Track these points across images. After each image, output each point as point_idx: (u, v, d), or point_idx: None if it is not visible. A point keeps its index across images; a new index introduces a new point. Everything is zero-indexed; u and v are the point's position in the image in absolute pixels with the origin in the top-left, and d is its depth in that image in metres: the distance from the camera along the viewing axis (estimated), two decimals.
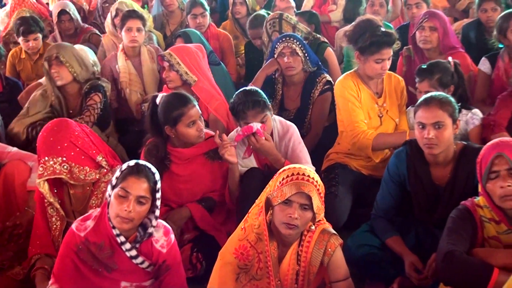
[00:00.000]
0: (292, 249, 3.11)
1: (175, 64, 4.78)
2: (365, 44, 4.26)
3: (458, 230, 3.05)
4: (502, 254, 2.93)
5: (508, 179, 2.95)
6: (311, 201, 2.99)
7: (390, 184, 3.78)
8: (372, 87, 4.45)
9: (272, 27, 5.60)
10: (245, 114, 4.03)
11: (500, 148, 3.00)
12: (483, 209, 3.11)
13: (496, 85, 5.09)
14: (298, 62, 4.92)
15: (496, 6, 5.89)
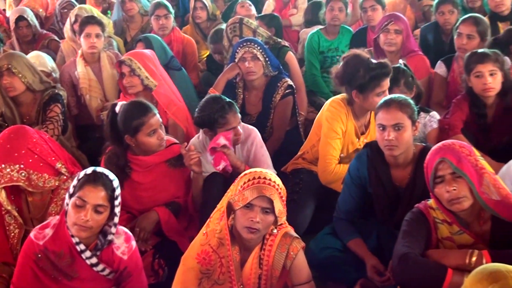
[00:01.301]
0: (254, 253, 3.11)
1: (136, 69, 4.75)
2: (364, 82, 4.09)
3: (412, 233, 3.08)
4: (455, 254, 2.95)
5: (453, 183, 2.98)
6: (273, 205, 2.99)
7: (351, 187, 3.80)
8: (360, 121, 4.35)
9: (233, 31, 5.60)
10: (224, 119, 4.03)
11: (442, 153, 3.03)
12: (435, 211, 3.14)
13: (451, 87, 5.19)
14: (259, 67, 4.92)
15: (453, 8, 6.01)
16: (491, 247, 3.01)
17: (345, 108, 4.29)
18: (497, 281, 2.05)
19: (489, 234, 3.09)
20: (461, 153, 3.00)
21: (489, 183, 2.97)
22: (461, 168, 2.97)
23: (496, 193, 2.97)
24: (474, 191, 2.96)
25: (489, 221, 3.09)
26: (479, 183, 2.96)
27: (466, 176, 2.96)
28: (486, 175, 2.98)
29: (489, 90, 4.40)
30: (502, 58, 4.50)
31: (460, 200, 2.98)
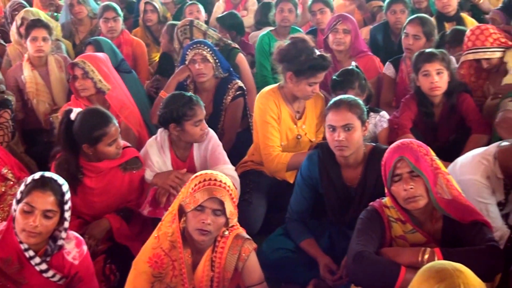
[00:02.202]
0: (206, 256, 3.10)
1: (89, 72, 4.69)
2: (303, 68, 4.16)
3: (367, 231, 3.10)
4: (408, 252, 2.99)
5: (410, 181, 3.02)
6: (224, 206, 3.00)
7: (303, 187, 3.82)
8: (294, 107, 4.41)
9: (183, 34, 5.59)
10: (193, 111, 4.02)
11: (401, 152, 3.06)
12: (390, 210, 3.17)
13: (400, 87, 5.25)
14: (209, 69, 4.91)
15: (404, 8, 6.11)
16: (442, 245, 3.05)
17: (273, 96, 4.35)
18: (443, 280, 2.08)
19: (440, 233, 3.14)
20: (419, 153, 3.05)
21: (443, 183, 3.03)
22: (419, 167, 3.01)
23: (448, 193, 3.03)
24: (429, 191, 3.01)
25: (440, 220, 3.14)
26: (434, 182, 3.02)
27: (424, 176, 3.01)
28: (440, 175, 3.04)
29: (436, 89, 4.47)
30: (448, 57, 4.59)
31: (416, 198, 3.02)
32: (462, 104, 4.61)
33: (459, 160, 3.76)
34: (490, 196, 3.50)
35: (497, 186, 3.53)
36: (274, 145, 4.32)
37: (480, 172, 3.52)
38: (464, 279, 2.08)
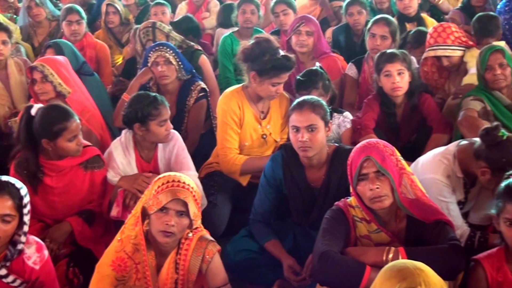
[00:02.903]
0: (170, 258, 3.08)
1: (49, 75, 4.63)
2: (266, 67, 4.17)
3: (332, 231, 3.10)
4: (373, 252, 3.00)
5: (376, 181, 3.03)
6: (187, 208, 2.98)
7: (267, 188, 3.83)
8: (258, 107, 4.42)
9: (146, 36, 5.57)
10: (158, 111, 4.00)
11: (368, 151, 3.07)
12: (355, 209, 3.18)
13: (363, 88, 5.29)
14: (172, 71, 4.89)
15: (361, 9, 6.15)
16: (406, 245, 3.08)
17: (237, 97, 4.36)
18: (405, 278, 2.09)
19: (404, 233, 3.17)
20: (385, 153, 3.07)
21: (407, 183, 3.06)
22: (385, 167, 3.03)
23: (412, 193, 3.06)
24: (395, 190, 3.03)
25: (404, 220, 3.16)
26: (399, 182, 3.04)
27: (390, 175, 3.02)
28: (405, 175, 3.07)
29: (397, 89, 4.51)
30: (409, 58, 4.63)
31: (382, 198, 3.03)
32: (423, 104, 4.66)
33: (421, 159, 3.80)
34: (450, 195, 3.55)
35: (457, 185, 3.58)
36: (231, 147, 4.32)
37: (441, 171, 3.55)
38: (425, 277, 2.10)
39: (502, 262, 2.90)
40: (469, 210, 3.70)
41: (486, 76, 4.41)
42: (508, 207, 2.78)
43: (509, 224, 2.78)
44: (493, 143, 3.32)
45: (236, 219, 4.27)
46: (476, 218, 3.66)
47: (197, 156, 4.64)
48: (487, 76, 4.40)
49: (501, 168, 3.25)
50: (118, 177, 4.03)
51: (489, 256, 2.95)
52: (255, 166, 4.25)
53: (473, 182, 3.59)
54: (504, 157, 3.27)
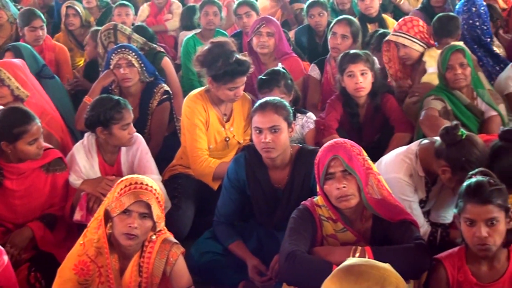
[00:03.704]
0: (134, 261, 3.06)
1: (5, 79, 4.56)
2: (219, 73, 4.18)
3: (299, 230, 3.11)
4: (340, 251, 3.01)
5: (343, 180, 3.04)
6: (151, 210, 2.97)
7: (230, 190, 3.82)
8: (221, 110, 4.42)
9: (107, 38, 5.52)
10: (120, 114, 3.97)
11: (335, 150, 3.08)
12: (321, 209, 3.19)
13: (326, 88, 5.32)
14: (134, 73, 4.86)
15: (322, 10, 6.20)
16: (372, 244, 3.10)
17: (201, 100, 4.36)
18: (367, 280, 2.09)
19: (370, 232, 3.19)
20: (352, 152, 3.08)
21: (374, 183, 3.08)
22: (352, 166, 3.04)
23: (378, 193, 3.08)
24: (361, 190, 3.04)
25: (370, 219, 3.18)
26: (366, 182, 3.06)
27: (356, 175, 3.04)
28: (371, 175, 3.08)
29: (360, 89, 4.54)
30: (372, 58, 4.66)
31: (348, 197, 3.05)
32: (385, 104, 4.70)
33: (383, 159, 3.82)
34: (413, 194, 3.58)
35: (419, 184, 3.61)
36: (202, 148, 4.31)
37: (403, 171, 3.58)
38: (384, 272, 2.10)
39: (463, 261, 2.92)
40: (431, 209, 3.74)
41: (447, 76, 4.46)
42: (468, 207, 2.80)
43: (469, 224, 2.81)
44: (453, 142, 3.36)
45: (200, 221, 4.25)
46: (437, 217, 3.70)
47: (160, 158, 4.62)
48: (448, 75, 4.45)
49: (461, 167, 3.29)
50: (80, 180, 3.99)
51: (450, 255, 2.98)
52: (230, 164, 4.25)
53: (434, 181, 3.64)
54: (464, 156, 3.30)
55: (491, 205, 2.77)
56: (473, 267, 2.91)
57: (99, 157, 4.11)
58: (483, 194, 2.78)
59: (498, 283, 2.87)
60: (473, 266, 2.91)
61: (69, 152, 4.19)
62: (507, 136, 3.38)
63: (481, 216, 2.77)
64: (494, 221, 2.77)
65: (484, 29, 5.32)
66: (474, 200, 2.79)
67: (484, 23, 5.33)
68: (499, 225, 2.79)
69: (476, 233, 2.77)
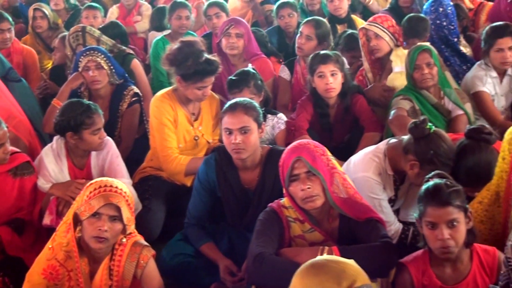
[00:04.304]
0: (104, 264, 3.05)
1: None
2: (189, 72, 4.20)
3: (266, 232, 3.12)
4: (307, 251, 3.02)
5: (307, 181, 3.06)
6: (121, 212, 2.96)
7: (201, 192, 3.81)
8: (189, 109, 4.42)
9: (76, 40, 5.47)
10: (91, 120, 3.94)
11: (298, 152, 3.10)
12: (288, 210, 3.20)
13: (296, 89, 5.34)
14: (103, 76, 4.83)
15: (292, 11, 6.22)
16: (340, 243, 3.12)
17: (169, 99, 4.37)
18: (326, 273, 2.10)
19: (337, 231, 3.20)
20: (316, 153, 3.10)
21: (339, 182, 3.09)
22: (315, 167, 3.06)
23: (345, 192, 3.09)
24: (326, 190, 3.06)
25: (337, 219, 3.20)
26: (331, 182, 3.07)
27: (321, 175, 3.06)
28: (336, 175, 3.10)
29: (331, 90, 4.56)
30: (342, 59, 4.70)
31: (314, 198, 3.06)
32: (355, 104, 4.73)
33: (353, 158, 3.85)
34: (382, 192, 3.60)
35: (388, 183, 3.64)
36: (172, 146, 4.31)
37: (372, 169, 3.61)
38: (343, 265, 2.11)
39: (427, 265, 2.95)
40: (400, 208, 3.77)
41: (415, 76, 4.51)
42: (429, 210, 2.83)
43: (431, 227, 2.83)
44: (421, 135, 3.41)
45: (171, 223, 4.24)
46: (406, 215, 3.73)
47: (131, 161, 4.60)
48: (415, 75, 4.50)
49: (429, 161, 3.34)
50: (49, 184, 3.95)
51: (414, 259, 3.00)
52: (199, 166, 4.24)
53: (402, 180, 3.67)
54: (432, 149, 3.36)
55: (450, 206, 2.80)
56: (437, 270, 2.93)
57: (69, 161, 4.07)
58: (442, 196, 2.81)
59: (462, 285, 2.90)
60: (437, 269, 2.93)
61: (38, 155, 4.16)
62: (473, 135, 3.43)
63: (442, 218, 2.80)
64: (454, 222, 2.80)
65: (451, 29, 5.40)
66: (433, 203, 2.82)
67: (451, 23, 5.40)
68: (460, 226, 2.82)
69: (438, 236, 2.80)
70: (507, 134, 3.10)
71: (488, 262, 2.93)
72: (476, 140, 3.40)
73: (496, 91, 4.89)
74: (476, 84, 4.85)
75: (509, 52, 4.75)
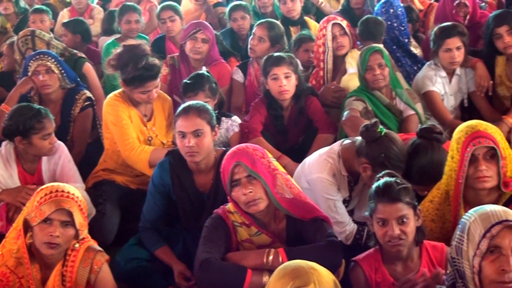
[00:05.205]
0: (56, 270, 3.00)
1: None
2: (129, 77, 4.19)
3: (212, 238, 3.12)
4: (253, 255, 3.05)
5: (249, 185, 3.06)
6: (73, 218, 2.93)
7: (155, 195, 3.78)
8: (141, 110, 4.41)
9: (25, 44, 5.40)
10: (41, 124, 3.91)
11: (237, 157, 3.10)
12: (234, 215, 3.20)
13: (249, 91, 5.34)
14: (54, 80, 4.78)
15: (245, 14, 6.24)
16: (288, 244, 3.14)
17: (121, 100, 4.35)
18: (298, 276, 2.12)
19: (285, 232, 3.22)
20: (255, 156, 3.10)
21: (282, 183, 3.10)
22: (255, 170, 3.06)
23: (289, 192, 3.10)
24: (269, 192, 3.06)
25: (284, 220, 3.21)
26: (273, 184, 3.07)
27: (261, 178, 3.06)
28: (278, 176, 3.11)
29: (284, 92, 4.57)
30: (295, 61, 4.72)
31: (257, 201, 3.07)
32: (309, 106, 4.75)
33: (307, 160, 3.87)
34: (336, 193, 3.64)
35: (342, 183, 3.68)
36: (133, 137, 4.29)
37: (327, 170, 3.64)
38: (317, 276, 2.13)
39: (379, 263, 2.99)
40: (354, 208, 3.80)
41: (367, 77, 4.55)
42: (379, 207, 2.88)
43: (382, 224, 2.88)
44: (372, 139, 3.46)
45: (126, 227, 4.21)
46: (360, 216, 3.76)
47: (84, 165, 4.56)
48: (368, 76, 4.54)
49: (380, 164, 3.38)
50: None
51: (366, 257, 3.04)
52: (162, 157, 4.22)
53: (356, 180, 3.71)
54: (383, 152, 3.40)
55: (400, 203, 2.86)
56: (389, 268, 2.97)
57: (18, 166, 4.02)
58: (392, 193, 2.87)
59: None
60: (389, 267, 2.97)
61: None
62: (424, 134, 3.49)
63: (392, 214, 2.85)
64: (404, 218, 2.86)
65: (402, 30, 5.47)
66: (384, 200, 2.87)
67: (401, 24, 5.47)
68: (410, 222, 2.87)
69: (388, 232, 2.85)
70: (456, 133, 3.15)
71: (437, 258, 2.99)
72: (428, 139, 3.46)
73: (445, 90, 4.97)
74: (426, 84, 4.92)
75: (457, 52, 4.84)
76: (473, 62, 4.96)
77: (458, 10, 5.61)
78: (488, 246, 2.25)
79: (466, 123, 3.19)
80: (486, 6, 6.73)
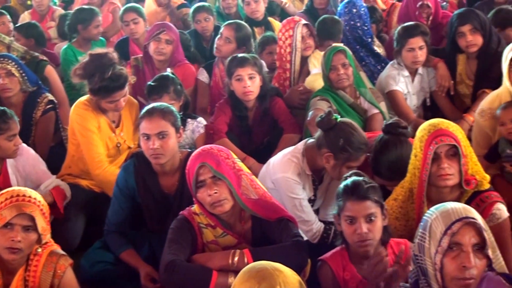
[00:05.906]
0: (18, 275, 2.97)
1: None
2: (94, 88, 4.18)
3: (177, 240, 3.12)
4: (218, 256, 3.05)
5: (214, 186, 3.06)
6: (35, 222, 2.90)
7: (120, 198, 3.76)
8: (109, 116, 4.38)
9: None
10: (7, 125, 3.88)
11: (202, 158, 3.10)
12: (199, 216, 3.20)
13: (214, 92, 5.34)
14: (15, 83, 4.72)
15: (208, 15, 6.25)
16: (254, 245, 3.15)
17: (89, 109, 4.33)
18: (263, 279, 2.12)
19: (250, 233, 3.22)
20: (220, 157, 3.10)
21: (247, 183, 3.10)
22: (220, 171, 3.06)
23: (254, 193, 3.11)
24: (234, 193, 3.07)
25: (249, 220, 3.22)
26: (238, 184, 3.08)
27: (226, 179, 3.06)
28: (243, 176, 3.11)
29: (249, 93, 4.57)
30: (260, 62, 4.72)
31: (222, 202, 3.06)
32: (274, 107, 4.76)
33: (272, 160, 3.88)
34: (301, 192, 3.65)
35: (307, 182, 3.70)
36: (102, 153, 4.28)
37: (291, 170, 3.65)
38: (283, 278, 2.13)
39: (347, 260, 3.00)
40: (320, 207, 3.82)
41: (331, 76, 4.57)
42: (348, 204, 2.89)
43: (350, 222, 2.89)
44: (329, 127, 3.53)
45: (91, 231, 4.17)
46: (325, 215, 3.78)
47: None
48: (332, 76, 4.56)
49: (341, 149, 3.47)
50: None
51: (333, 255, 3.05)
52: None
53: (321, 179, 3.73)
54: (341, 137, 3.47)
55: (369, 201, 2.88)
56: (356, 266, 2.98)
57: None
58: (360, 191, 2.89)
59: None
60: (356, 266, 2.98)
61: None
62: (390, 130, 3.54)
63: (361, 212, 2.86)
64: (372, 217, 2.87)
65: (365, 29, 5.50)
66: (352, 198, 2.89)
67: (364, 23, 5.50)
68: (377, 221, 2.89)
69: (357, 230, 2.86)
70: (419, 132, 3.18)
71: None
72: (394, 134, 3.50)
73: (408, 89, 5.01)
74: (390, 83, 4.96)
75: (420, 51, 4.89)
76: (434, 62, 5.01)
77: (421, 12, 5.66)
78: (449, 243, 2.28)
79: (429, 121, 3.22)
80: (447, 6, 6.83)
